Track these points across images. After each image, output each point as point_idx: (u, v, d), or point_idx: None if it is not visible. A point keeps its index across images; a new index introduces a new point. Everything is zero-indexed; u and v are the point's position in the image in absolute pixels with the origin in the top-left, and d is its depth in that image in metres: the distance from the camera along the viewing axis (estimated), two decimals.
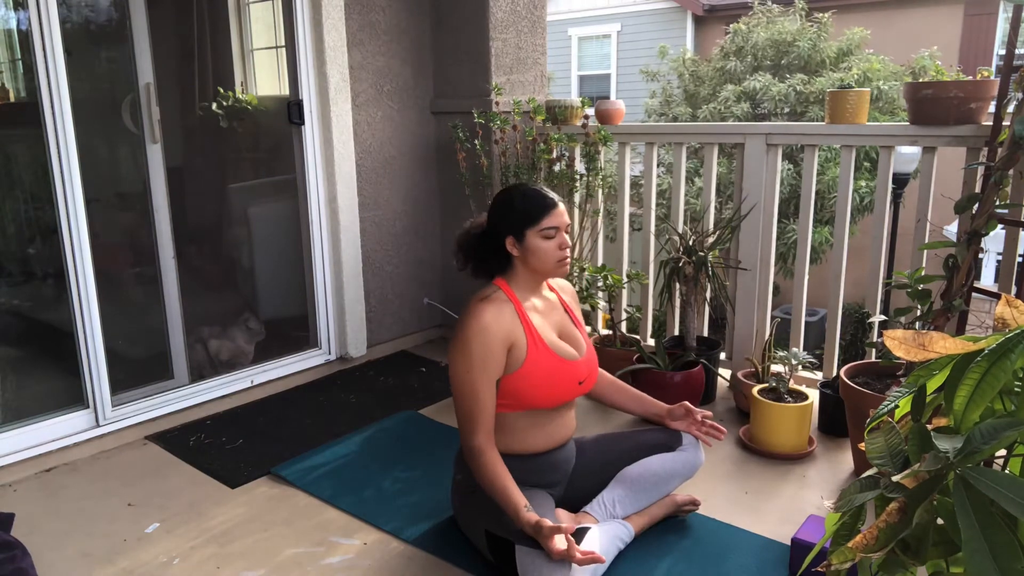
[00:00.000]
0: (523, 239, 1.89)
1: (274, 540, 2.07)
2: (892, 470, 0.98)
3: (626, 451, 2.06)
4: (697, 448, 2.08)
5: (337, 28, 3.11)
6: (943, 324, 2.31)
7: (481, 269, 1.99)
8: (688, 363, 2.75)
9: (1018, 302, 1.02)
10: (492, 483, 1.78)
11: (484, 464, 1.80)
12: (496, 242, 1.92)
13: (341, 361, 3.40)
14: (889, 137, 2.62)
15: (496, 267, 1.96)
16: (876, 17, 9.81)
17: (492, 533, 1.83)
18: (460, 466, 1.98)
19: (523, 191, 1.93)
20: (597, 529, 1.85)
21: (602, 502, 1.97)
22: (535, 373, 1.88)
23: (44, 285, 2.83)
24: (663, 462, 2.03)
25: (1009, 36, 2.27)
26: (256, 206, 3.62)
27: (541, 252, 1.89)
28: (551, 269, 1.92)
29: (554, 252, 1.89)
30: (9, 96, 2.83)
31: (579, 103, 3.31)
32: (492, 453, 1.82)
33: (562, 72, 12.86)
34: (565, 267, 1.93)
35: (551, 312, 2.00)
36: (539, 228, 1.88)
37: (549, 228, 1.88)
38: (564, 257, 1.91)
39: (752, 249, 2.92)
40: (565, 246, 1.91)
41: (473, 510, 1.91)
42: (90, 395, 2.61)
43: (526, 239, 1.88)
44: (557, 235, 1.89)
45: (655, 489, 2.01)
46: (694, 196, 6.60)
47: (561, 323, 2.01)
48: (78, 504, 2.28)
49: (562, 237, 1.90)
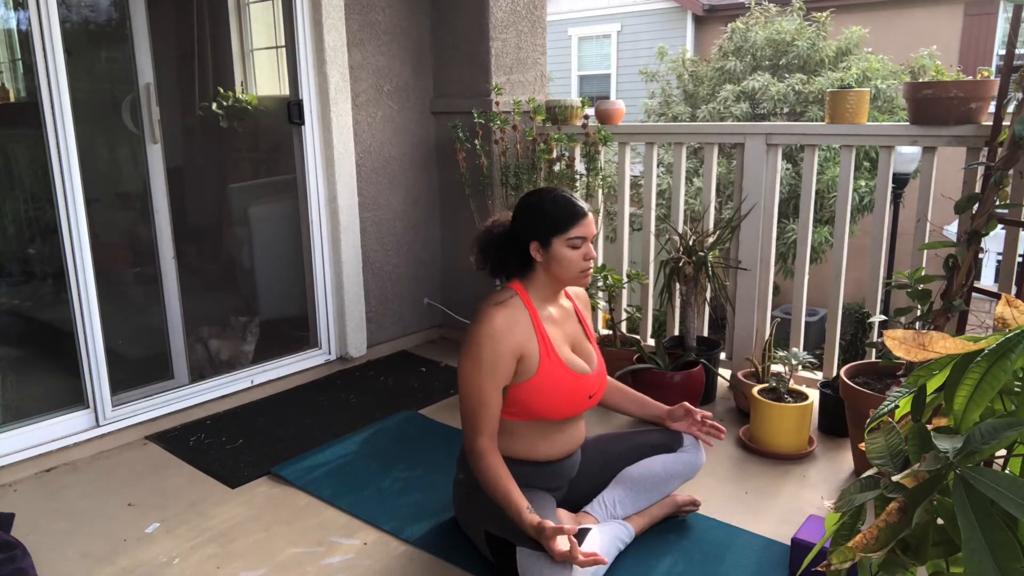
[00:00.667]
0: (549, 246, 1.87)
1: (274, 540, 2.07)
2: (892, 470, 0.98)
3: (627, 451, 2.07)
4: (698, 449, 2.08)
5: (337, 28, 3.11)
6: (943, 324, 2.31)
7: (500, 270, 1.97)
8: (688, 363, 2.75)
9: (1018, 302, 1.02)
10: (495, 486, 1.76)
11: (487, 467, 1.79)
12: (520, 246, 1.90)
13: (341, 361, 3.40)
14: (889, 137, 2.62)
15: (516, 270, 1.94)
16: (876, 17, 9.81)
17: (492, 534, 1.83)
18: (462, 465, 1.98)
19: (554, 197, 1.90)
20: (598, 530, 1.85)
21: (603, 502, 1.97)
22: (546, 385, 1.87)
23: (44, 285, 2.83)
24: (664, 463, 2.03)
25: (1009, 36, 2.27)
26: (256, 206, 3.62)
27: (566, 261, 1.87)
28: (573, 278, 1.91)
29: (579, 262, 1.88)
30: (9, 96, 2.83)
31: (579, 103, 3.30)
32: (494, 456, 1.81)
33: (562, 72, 12.86)
34: (587, 278, 1.93)
35: (566, 322, 1.99)
36: (567, 237, 1.86)
37: (577, 238, 1.86)
38: (588, 268, 1.91)
39: (752, 249, 2.92)
40: (590, 257, 1.90)
41: (474, 510, 1.92)
42: (90, 395, 2.61)
43: (552, 246, 1.86)
44: (584, 245, 1.88)
45: (656, 490, 2.01)
46: (694, 196, 6.61)
47: (575, 335, 2.00)
48: (78, 504, 2.28)
49: (588, 247, 1.89)
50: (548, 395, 1.87)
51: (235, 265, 3.79)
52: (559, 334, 1.93)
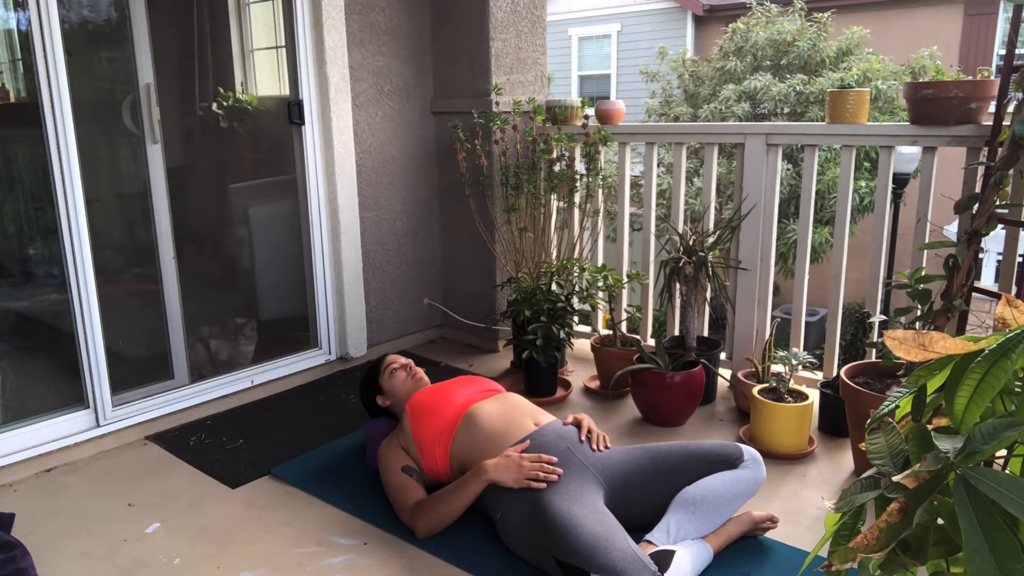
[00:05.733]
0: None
1: (274, 540, 2.07)
2: (892, 470, 0.98)
3: (681, 462, 1.99)
4: (758, 463, 2.01)
5: (337, 28, 3.11)
6: (943, 324, 2.31)
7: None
8: (688, 363, 2.75)
9: (1018, 302, 1.02)
10: (447, 505, 2.01)
11: (428, 508, 2.03)
12: None
13: (341, 361, 3.40)
14: (889, 137, 2.62)
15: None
16: (876, 17, 9.81)
17: (563, 561, 1.75)
18: (492, 505, 1.99)
19: None
20: (684, 554, 1.79)
21: (665, 529, 1.86)
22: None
23: (44, 285, 2.83)
24: (725, 483, 1.94)
25: (1009, 36, 2.27)
26: (256, 206, 3.62)
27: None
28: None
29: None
30: (9, 96, 2.83)
31: (579, 103, 3.30)
32: (424, 499, 2.08)
33: (562, 72, 12.87)
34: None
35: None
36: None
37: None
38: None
39: (752, 249, 2.92)
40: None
41: (530, 543, 1.87)
42: (90, 395, 2.61)
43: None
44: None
45: (719, 512, 1.92)
46: (694, 196, 6.60)
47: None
48: (78, 504, 2.28)
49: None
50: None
51: (235, 265, 3.79)
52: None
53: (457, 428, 2.14)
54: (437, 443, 2.14)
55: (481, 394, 2.27)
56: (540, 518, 1.82)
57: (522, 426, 2.11)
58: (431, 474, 2.15)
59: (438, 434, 2.15)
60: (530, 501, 1.87)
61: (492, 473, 1.96)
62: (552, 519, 1.78)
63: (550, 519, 1.79)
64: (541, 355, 2.83)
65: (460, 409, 2.18)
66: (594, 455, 2.03)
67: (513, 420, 2.13)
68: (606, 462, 2.02)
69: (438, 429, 2.15)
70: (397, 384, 2.41)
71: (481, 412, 2.16)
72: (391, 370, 2.44)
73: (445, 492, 2.03)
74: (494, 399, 2.24)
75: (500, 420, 2.14)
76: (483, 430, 2.11)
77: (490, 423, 2.13)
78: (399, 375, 2.43)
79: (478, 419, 2.14)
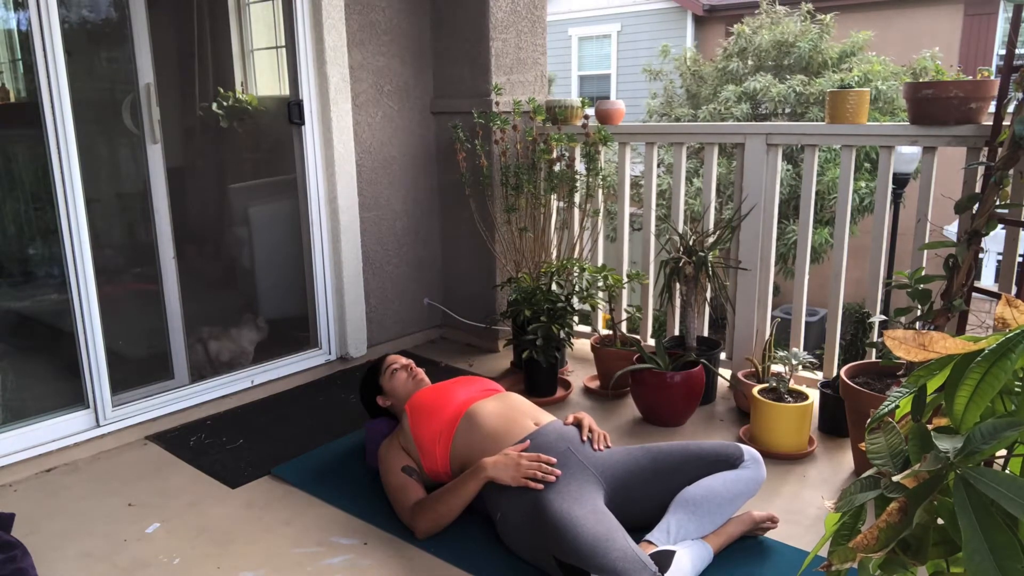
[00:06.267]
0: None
1: (274, 540, 2.07)
2: (892, 470, 0.98)
3: (681, 462, 1.98)
4: (758, 463, 2.00)
5: (337, 28, 3.11)
6: (943, 324, 2.31)
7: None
8: (688, 363, 2.75)
9: (1018, 302, 1.02)
10: (446, 504, 2.00)
11: (427, 507, 2.03)
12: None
13: (341, 361, 3.40)
14: (889, 137, 2.62)
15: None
16: (876, 18, 9.82)
17: (563, 561, 1.75)
18: (492, 504, 1.99)
19: None
20: (684, 554, 1.78)
21: (664, 529, 1.86)
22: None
23: (44, 285, 2.83)
24: (725, 483, 1.94)
25: (1009, 36, 2.27)
26: (256, 206, 3.62)
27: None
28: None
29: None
30: (9, 96, 2.83)
31: (579, 103, 3.30)
32: (424, 498, 2.08)
33: (562, 72, 12.87)
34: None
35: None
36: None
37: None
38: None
39: (752, 249, 2.92)
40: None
41: (531, 543, 1.87)
42: (90, 395, 2.61)
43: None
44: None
45: (719, 512, 1.91)
46: (694, 196, 6.60)
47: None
48: (78, 504, 2.28)
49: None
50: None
51: (235, 265, 3.79)
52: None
53: (457, 427, 2.14)
54: (437, 442, 2.14)
55: (481, 394, 2.27)
56: (540, 518, 1.82)
57: (522, 426, 2.11)
58: (431, 474, 2.15)
59: (438, 433, 2.15)
60: (530, 501, 1.87)
61: (490, 471, 1.96)
62: (552, 519, 1.78)
63: (550, 519, 1.79)
64: (541, 355, 2.83)
65: (460, 408, 2.19)
66: (594, 455, 2.03)
67: (513, 420, 2.14)
68: (606, 462, 2.02)
69: (438, 428, 2.16)
70: (398, 385, 2.42)
71: (481, 411, 2.16)
72: (392, 371, 2.44)
73: (444, 491, 2.03)
74: (494, 399, 2.24)
75: (500, 420, 2.14)
76: (483, 429, 2.12)
77: (490, 422, 2.13)
78: (400, 376, 2.43)
79: (478, 418, 2.14)
